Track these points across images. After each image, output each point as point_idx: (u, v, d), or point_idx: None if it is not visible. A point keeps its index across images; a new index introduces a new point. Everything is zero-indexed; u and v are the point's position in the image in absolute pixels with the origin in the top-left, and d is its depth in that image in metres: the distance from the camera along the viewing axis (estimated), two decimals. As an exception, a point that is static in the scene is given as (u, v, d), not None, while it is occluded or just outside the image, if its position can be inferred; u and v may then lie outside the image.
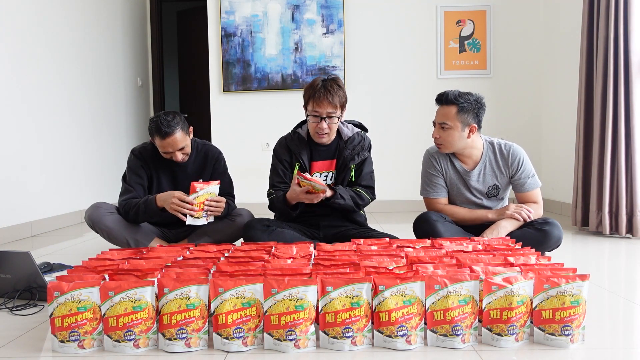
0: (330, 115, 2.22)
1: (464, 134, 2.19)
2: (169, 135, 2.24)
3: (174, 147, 2.27)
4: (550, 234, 2.13)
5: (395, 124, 4.52)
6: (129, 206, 2.29)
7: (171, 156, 2.31)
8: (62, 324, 1.35)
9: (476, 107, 2.18)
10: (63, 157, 3.81)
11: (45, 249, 2.93)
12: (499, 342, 1.36)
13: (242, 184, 3.40)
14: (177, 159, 2.32)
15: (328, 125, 2.24)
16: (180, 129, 2.27)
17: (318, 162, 2.37)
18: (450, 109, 2.17)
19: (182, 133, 2.28)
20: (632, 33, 2.98)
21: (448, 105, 2.18)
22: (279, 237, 2.19)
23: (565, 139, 3.94)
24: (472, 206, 2.32)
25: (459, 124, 2.16)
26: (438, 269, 1.48)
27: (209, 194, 2.22)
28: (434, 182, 2.31)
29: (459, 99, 2.16)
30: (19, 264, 1.77)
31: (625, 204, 3.01)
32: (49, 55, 3.63)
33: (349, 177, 2.34)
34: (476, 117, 2.19)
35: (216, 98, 4.57)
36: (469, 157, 2.28)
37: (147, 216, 2.29)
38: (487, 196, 2.32)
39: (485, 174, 2.28)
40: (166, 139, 2.24)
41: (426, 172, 2.35)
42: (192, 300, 1.35)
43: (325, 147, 2.37)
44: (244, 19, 4.46)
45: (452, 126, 2.17)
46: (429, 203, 2.36)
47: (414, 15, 4.47)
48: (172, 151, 2.29)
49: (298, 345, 1.34)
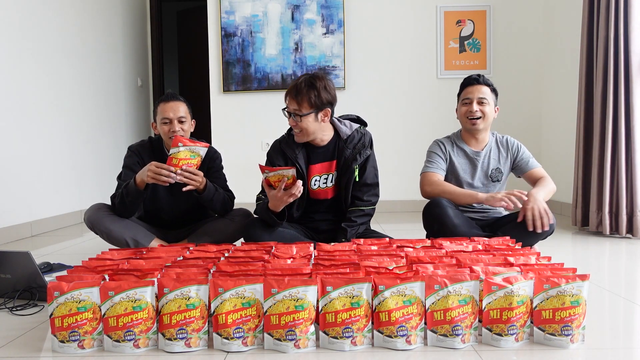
0: (295, 112, 2.13)
1: (494, 113, 2.41)
2: (172, 99, 2.33)
3: (175, 113, 2.31)
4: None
5: (395, 124, 4.52)
6: (116, 197, 2.29)
7: (170, 129, 2.31)
8: (62, 324, 1.35)
9: (496, 93, 2.43)
10: (63, 157, 3.81)
11: (45, 249, 2.93)
12: (499, 342, 1.36)
13: (242, 184, 3.40)
14: (174, 129, 2.30)
15: (296, 123, 2.14)
16: (184, 103, 2.37)
17: (316, 165, 2.26)
18: (486, 88, 2.38)
19: (185, 106, 2.36)
20: (632, 33, 2.98)
21: (484, 85, 2.38)
22: (279, 236, 2.16)
23: (565, 139, 3.94)
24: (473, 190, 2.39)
25: (492, 102, 2.39)
26: (438, 269, 1.48)
27: (191, 152, 2.14)
28: (435, 160, 2.43)
29: (489, 81, 2.41)
30: (19, 264, 1.77)
31: (625, 204, 3.01)
32: (49, 55, 3.63)
33: (353, 178, 2.24)
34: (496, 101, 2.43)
35: (216, 98, 4.57)
36: (480, 140, 2.44)
37: (130, 199, 2.24)
38: (490, 179, 2.43)
39: (491, 156, 2.44)
40: (169, 102, 2.32)
41: (429, 152, 2.48)
42: (192, 300, 1.35)
43: (323, 147, 2.26)
44: (244, 19, 4.46)
45: (489, 102, 2.37)
46: (426, 176, 2.40)
47: (414, 15, 4.47)
48: (173, 118, 2.30)
49: (298, 345, 1.34)
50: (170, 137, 2.31)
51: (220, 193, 2.37)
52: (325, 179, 2.28)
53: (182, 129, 2.33)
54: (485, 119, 2.38)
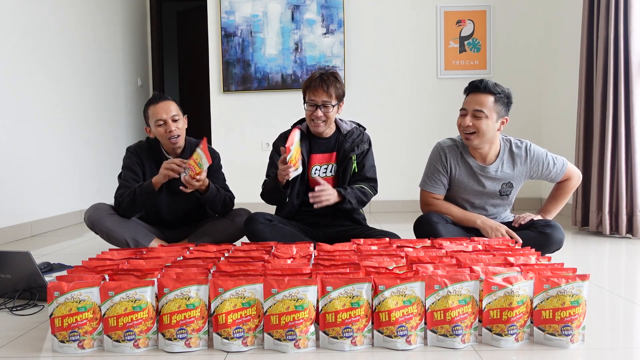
0: (325, 103, 2.28)
1: (496, 126, 2.12)
2: (161, 99, 2.34)
3: (167, 113, 2.30)
4: (552, 237, 2.13)
5: (395, 124, 4.52)
6: (123, 196, 2.30)
7: (166, 129, 2.31)
8: (62, 324, 1.35)
9: (508, 101, 2.13)
10: (63, 157, 3.81)
11: (45, 249, 2.93)
12: (499, 342, 1.36)
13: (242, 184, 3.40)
14: (170, 129, 2.30)
15: (324, 113, 2.29)
16: (173, 102, 2.37)
17: (317, 155, 2.40)
18: (487, 97, 2.09)
19: (175, 105, 2.37)
20: (632, 33, 2.98)
21: (485, 94, 2.09)
22: (279, 232, 2.20)
23: (565, 139, 3.94)
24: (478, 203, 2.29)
25: (494, 114, 2.09)
26: (438, 269, 1.48)
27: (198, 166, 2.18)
28: (436, 177, 2.28)
29: (496, 89, 2.10)
30: (19, 264, 1.77)
31: (625, 204, 3.01)
32: (49, 55, 3.63)
33: (351, 169, 2.37)
34: (507, 111, 2.14)
35: (216, 98, 4.57)
36: (486, 153, 2.21)
37: (142, 198, 2.26)
38: (499, 194, 2.26)
39: (501, 171, 2.22)
40: (159, 103, 2.32)
41: (432, 165, 2.30)
42: (192, 300, 1.35)
43: (325, 140, 2.40)
44: (244, 19, 4.46)
45: (488, 115, 2.08)
46: (424, 196, 2.34)
47: (414, 15, 4.47)
48: (166, 119, 2.30)
49: (298, 345, 1.34)
50: (168, 137, 2.31)
51: (221, 194, 2.39)
52: (325, 169, 2.40)
53: (177, 127, 2.33)
54: (479, 135, 2.11)
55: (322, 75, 2.30)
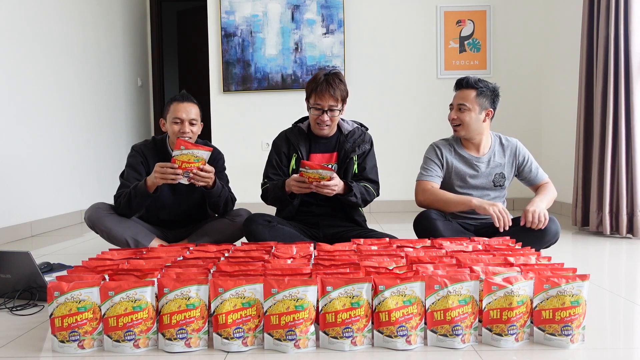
0: (331, 108, 2.27)
1: (480, 117, 2.29)
2: (187, 100, 2.35)
3: (187, 114, 2.31)
4: (547, 230, 2.16)
5: (395, 124, 4.52)
6: (121, 197, 2.29)
7: (180, 129, 2.31)
8: (62, 324, 1.35)
9: (493, 94, 2.30)
10: (63, 157, 3.81)
11: (45, 249, 2.93)
12: (499, 342, 1.36)
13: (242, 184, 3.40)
14: (185, 130, 2.31)
15: (330, 117, 2.29)
16: (197, 105, 2.39)
17: (317, 155, 2.38)
18: (469, 92, 2.28)
19: (197, 109, 2.38)
20: (632, 33, 2.98)
21: (468, 89, 2.29)
22: (279, 233, 2.18)
23: (566, 139, 3.94)
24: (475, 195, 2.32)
25: (477, 106, 2.27)
26: (438, 269, 1.48)
27: (194, 156, 2.13)
28: (430, 167, 2.37)
29: (478, 84, 2.28)
30: (19, 264, 1.77)
31: (625, 204, 3.01)
32: (49, 55, 3.63)
33: (352, 169, 2.35)
34: (492, 103, 2.31)
35: (216, 98, 4.57)
36: (478, 144, 2.36)
37: (138, 200, 2.25)
38: (493, 185, 2.36)
39: (494, 161, 2.36)
40: (183, 103, 2.33)
41: (426, 158, 2.41)
42: (192, 300, 1.35)
43: (325, 140, 2.39)
44: (244, 19, 4.46)
45: (470, 108, 2.27)
46: (419, 185, 2.36)
47: (414, 15, 4.47)
48: (184, 119, 2.31)
49: (298, 345, 1.34)
50: (178, 137, 2.31)
51: (226, 191, 2.40)
52: None
53: (191, 130, 2.33)
54: (464, 127, 2.30)
55: (327, 78, 2.24)
